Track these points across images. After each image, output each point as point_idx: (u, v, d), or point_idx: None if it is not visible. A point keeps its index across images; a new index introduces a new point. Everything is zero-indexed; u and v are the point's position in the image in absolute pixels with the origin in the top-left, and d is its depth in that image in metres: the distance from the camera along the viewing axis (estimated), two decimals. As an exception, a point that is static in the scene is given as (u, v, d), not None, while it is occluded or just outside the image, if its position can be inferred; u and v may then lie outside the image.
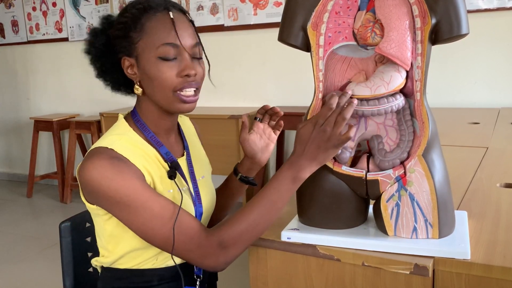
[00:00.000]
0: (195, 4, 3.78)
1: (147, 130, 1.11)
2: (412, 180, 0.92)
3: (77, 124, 4.11)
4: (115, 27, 1.08)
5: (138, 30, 1.04)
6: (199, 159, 1.24)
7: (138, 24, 1.04)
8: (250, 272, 1.06)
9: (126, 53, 1.06)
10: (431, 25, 0.88)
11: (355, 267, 0.94)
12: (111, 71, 1.12)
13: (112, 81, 1.14)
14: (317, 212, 1.00)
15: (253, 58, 3.67)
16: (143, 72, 1.05)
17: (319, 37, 0.96)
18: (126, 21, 1.05)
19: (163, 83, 1.03)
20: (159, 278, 1.10)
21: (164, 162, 1.10)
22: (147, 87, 1.07)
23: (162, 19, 1.04)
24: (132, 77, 1.08)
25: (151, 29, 1.03)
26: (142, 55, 1.04)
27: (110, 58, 1.10)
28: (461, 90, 3.06)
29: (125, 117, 1.14)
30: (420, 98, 0.92)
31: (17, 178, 5.08)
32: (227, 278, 1.10)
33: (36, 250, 3.23)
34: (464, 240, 0.91)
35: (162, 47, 1.02)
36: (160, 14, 1.04)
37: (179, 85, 1.03)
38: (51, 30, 4.54)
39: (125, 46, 1.06)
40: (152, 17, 1.04)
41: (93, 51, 1.11)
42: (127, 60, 1.07)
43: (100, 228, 1.10)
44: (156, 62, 1.03)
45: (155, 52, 1.02)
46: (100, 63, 1.12)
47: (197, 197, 1.15)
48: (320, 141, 0.93)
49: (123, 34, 1.05)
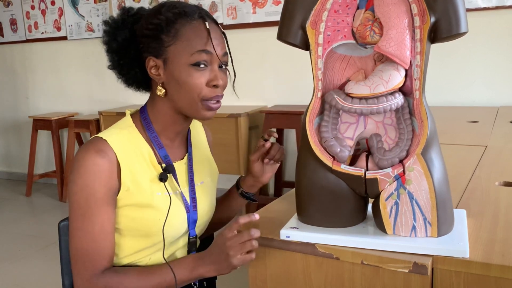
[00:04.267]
0: (194, 3, 3.77)
1: (151, 129, 1.11)
2: (411, 179, 0.92)
3: (76, 123, 4.10)
4: (144, 26, 1.06)
5: (172, 35, 1.03)
6: (202, 164, 1.23)
7: (172, 29, 1.03)
8: (249, 270, 1.06)
9: (153, 54, 1.06)
10: (430, 23, 0.88)
11: (354, 265, 0.94)
12: (130, 66, 1.11)
13: (128, 76, 1.13)
14: (316, 210, 1.00)
15: (252, 57, 3.67)
16: (170, 76, 1.05)
17: (318, 35, 0.96)
18: (159, 23, 1.04)
19: (192, 90, 1.04)
20: None
21: (157, 164, 1.09)
22: (173, 91, 1.06)
23: (198, 27, 1.04)
24: (155, 78, 1.08)
25: (185, 35, 1.03)
26: (173, 59, 1.04)
27: (131, 53, 1.09)
28: (460, 89, 3.06)
29: (133, 114, 1.15)
30: (419, 97, 0.92)
31: (16, 177, 5.08)
32: (227, 277, 1.10)
33: (35, 248, 3.23)
34: (463, 238, 0.92)
35: (196, 54, 1.03)
36: (196, 22, 1.04)
37: (208, 95, 1.05)
38: (49, 29, 4.54)
39: (154, 47, 1.05)
40: (187, 24, 1.04)
41: (114, 44, 1.09)
42: (152, 61, 1.06)
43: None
44: (188, 69, 1.03)
45: (188, 58, 1.03)
46: (118, 57, 1.10)
47: (193, 203, 1.14)
48: (222, 252, 0.99)
49: (154, 35, 1.04)
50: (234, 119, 3.29)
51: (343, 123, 0.99)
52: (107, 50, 1.11)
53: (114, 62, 1.12)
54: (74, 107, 4.56)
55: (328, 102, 0.97)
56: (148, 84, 1.14)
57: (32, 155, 4.42)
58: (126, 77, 1.14)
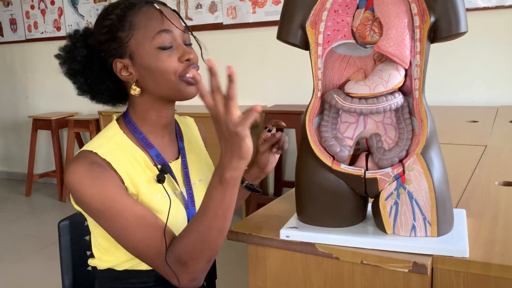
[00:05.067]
0: (194, 3, 3.77)
1: (138, 131, 1.10)
2: (411, 179, 0.92)
3: (76, 122, 4.10)
4: (98, 33, 1.06)
5: (127, 29, 1.03)
6: (198, 161, 1.22)
7: (125, 23, 1.03)
8: (249, 270, 1.06)
9: (117, 56, 1.05)
10: (430, 23, 0.88)
11: (354, 265, 0.94)
12: (99, 82, 1.09)
13: (101, 94, 1.12)
14: (316, 210, 1.00)
15: (252, 57, 3.67)
16: (141, 68, 1.04)
17: (318, 35, 0.96)
18: (112, 23, 1.04)
19: (166, 71, 1.03)
20: (155, 279, 1.10)
21: (153, 166, 1.08)
22: (147, 82, 1.05)
23: (149, 11, 1.04)
24: (127, 78, 1.07)
25: (140, 23, 1.03)
26: (137, 51, 1.03)
27: (96, 68, 1.08)
28: (460, 89, 3.06)
29: (118, 119, 1.13)
30: (418, 97, 0.92)
31: (15, 176, 5.08)
32: (226, 277, 1.10)
33: (34, 248, 3.23)
34: (463, 238, 0.92)
35: (158, 36, 1.02)
36: (145, 8, 1.04)
37: (184, 70, 1.04)
38: (49, 29, 4.54)
39: (115, 48, 1.04)
40: (138, 12, 1.04)
41: (76, 65, 1.08)
42: (119, 62, 1.05)
43: (92, 227, 1.10)
44: (155, 53, 1.02)
45: (152, 43, 1.02)
46: (84, 77, 1.09)
47: (190, 200, 1.13)
48: (220, 132, 0.89)
49: (111, 36, 1.04)
50: (234, 119, 3.29)
51: (343, 122, 0.99)
52: (72, 75, 1.09)
53: (83, 85, 1.10)
54: (73, 106, 4.56)
55: (328, 101, 0.97)
56: (124, 93, 1.13)
57: (31, 155, 4.43)
58: (100, 95, 1.12)
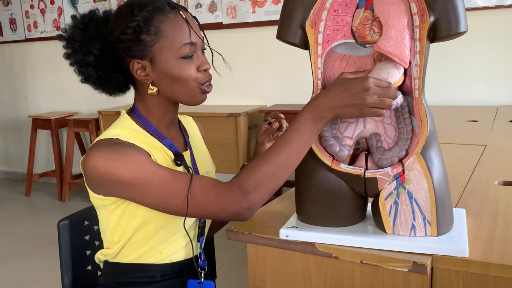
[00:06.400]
0: (194, 2, 3.77)
1: (149, 124, 1.11)
2: (411, 178, 0.92)
3: (76, 122, 4.10)
4: (119, 31, 1.05)
5: (153, 33, 1.03)
6: (202, 156, 1.25)
7: (151, 27, 1.03)
8: (249, 270, 1.06)
9: (138, 57, 1.05)
10: (430, 23, 0.88)
11: (354, 264, 0.94)
12: (109, 75, 1.10)
13: (108, 85, 1.13)
14: (315, 210, 1.00)
15: (251, 56, 3.67)
16: (161, 73, 1.05)
17: (318, 35, 0.96)
18: (137, 25, 1.03)
19: (188, 80, 1.06)
20: (162, 273, 1.11)
21: (169, 151, 1.10)
22: (164, 86, 1.07)
23: (176, 20, 1.05)
24: (142, 79, 1.07)
25: (167, 31, 1.03)
26: (160, 57, 1.04)
27: (108, 62, 1.08)
28: (460, 88, 3.06)
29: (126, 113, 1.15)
30: (418, 96, 0.92)
31: (15, 176, 5.08)
32: (226, 277, 1.10)
33: (34, 248, 3.23)
34: (462, 238, 0.92)
35: (184, 48, 1.04)
36: (172, 15, 1.05)
37: (203, 79, 1.07)
38: (49, 28, 4.53)
39: (137, 50, 1.05)
40: (165, 18, 1.04)
41: (91, 57, 1.08)
42: (137, 63, 1.06)
43: (105, 220, 1.10)
44: (178, 62, 1.05)
45: (176, 53, 1.04)
46: (95, 69, 1.09)
47: None
48: (357, 99, 0.89)
49: (134, 38, 1.04)
50: (234, 119, 3.29)
51: (343, 122, 0.99)
52: (83, 65, 1.09)
53: (91, 76, 1.10)
54: (73, 106, 4.55)
55: (327, 101, 0.97)
56: (128, 85, 1.14)
57: (31, 155, 4.42)
58: (105, 86, 1.13)
